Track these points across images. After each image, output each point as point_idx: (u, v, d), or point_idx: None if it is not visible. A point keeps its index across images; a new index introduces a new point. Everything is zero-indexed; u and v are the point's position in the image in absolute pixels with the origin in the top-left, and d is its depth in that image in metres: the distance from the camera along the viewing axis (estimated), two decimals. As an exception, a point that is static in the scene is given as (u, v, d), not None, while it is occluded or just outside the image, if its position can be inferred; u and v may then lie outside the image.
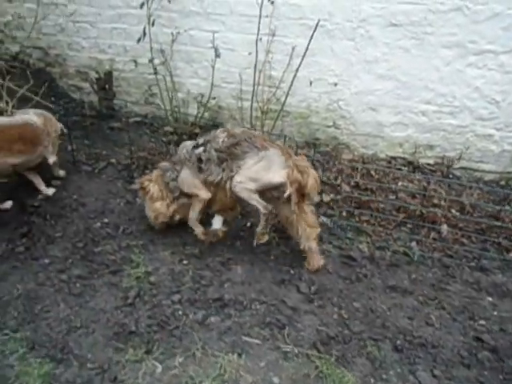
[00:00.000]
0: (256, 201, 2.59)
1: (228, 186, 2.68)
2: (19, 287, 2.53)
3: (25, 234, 2.93)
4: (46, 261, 2.74)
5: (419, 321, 2.37)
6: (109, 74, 4.42)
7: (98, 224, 3.09)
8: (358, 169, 3.76)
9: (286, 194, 2.57)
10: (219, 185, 2.74)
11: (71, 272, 2.65)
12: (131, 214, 3.20)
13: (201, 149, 2.78)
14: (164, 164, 2.99)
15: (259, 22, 3.69)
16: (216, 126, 4.10)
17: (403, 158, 4.11)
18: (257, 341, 2.23)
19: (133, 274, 2.64)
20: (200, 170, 2.77)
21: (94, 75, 4.43)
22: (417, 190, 3.48)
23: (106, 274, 2.65)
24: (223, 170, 2.69)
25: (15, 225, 3.01)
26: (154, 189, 2.92)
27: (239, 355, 2.13)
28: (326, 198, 3.37)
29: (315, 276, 2.66)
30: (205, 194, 2.79)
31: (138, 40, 3.84)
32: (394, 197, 3.47)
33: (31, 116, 3.21)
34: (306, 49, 3.74)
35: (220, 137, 2.74)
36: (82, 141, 4.15)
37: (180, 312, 2.38)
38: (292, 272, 2.69)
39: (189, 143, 2.91)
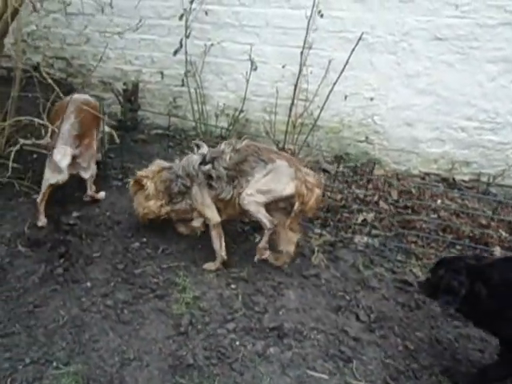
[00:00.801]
0: (263, 215, 2.58)
1: (237, 201, 2.67)
2: (63, 313, 2.39)
3: (62, 255, 2.80)
4: (88, 284, 2.60)
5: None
6: (136, 85, 4.30)
7: (137, 244, 2.96)
8: (393, 185, 3.67)
9: (295, 207, 2.59)
10: (230, 201, 2.71)
11: (115, 296, 2.51)
12: (168, 232, 3.06)
13: (209, 166, 2.72)
14: (165, 167, 2.91)
15: (306, 35, 3.61)
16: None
17: (437, 175, 4.02)
18: (324, 375, 2.10)
19: (181, 299, 2.50)
20: (210, 186, 2.73)
21: (121, 86, 4.31)
22: (459, 209, 3.38)
23: (152, 299, 2.52)
24: (234, 187, 2.67)
25: (51, 244, 2.88)
26: (150, 187, 2.85)
27: (308, 392, 2.01)
28: (368, 217, 3.26)
29: (372, 302, 2.55)
30: (217, 218, 2.76)
31: (175, 52, 3.75)
32: (435, 215, 3.37)
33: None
34: (346, 62, 3.65)
35: (226, 153, 2.71)
36: (107, 153, 4.03)
37: (237, 342, 2.25)
38: (347, 298, 2.57)
39: (195, 158, 2.80)
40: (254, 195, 2.58)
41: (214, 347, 2.22)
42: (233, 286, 2.62)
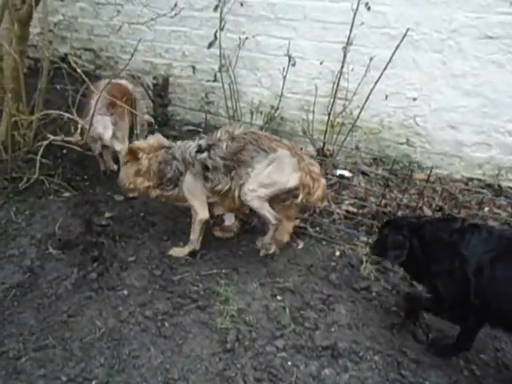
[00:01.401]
0: (267, 211, 2.51)
1: (237, 194, 2.52)
2: (99, 324, 2.24)
3: (96, 258, 2.65)
4: (125, 292, 2.45)
5: None
6: (166, 79, 4.13)
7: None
8: (437, 191, 3.48)
9: (299, 199, 2.51)
10: (228, 193, 2.55)
11: (154, 306, 2.36)
12: (206, 236, 2.90)
13: (205, 154, 2.53)
14: (164, 145, 2.70)
15: (351, 30, 3.39)
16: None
17: (481, 180, 3.80)
18: (386, 403, 1.94)
19: (224, 312, 2.34)
20: (206, 178, 2.55)
21: (150, 80, 4.14)
22: (510, 218, 3.18)
23: (194, 310, 2.36)
24: (232, 178, 2.50)
25: (83, 246, 2.73)
26: (144, 163, 2.61)
27: (372, 422, 1.84)
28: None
29: (429, 319, 2.36)
30: (204, 215, 2.63)
31: (209, 45, 3.56)
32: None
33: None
34: (389, 60, 3.44)
35: (223, 140, 2.53)
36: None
37: (289, 362, 2.08)
38: (402, 314, 2.39)
39: (192, 146, 2.61)
40: (256, 190, 2.45)
41: (264, 367, 2.05)
42: (279, 298, 2.45)
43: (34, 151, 3.37)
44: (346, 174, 3.67)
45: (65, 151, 3.59)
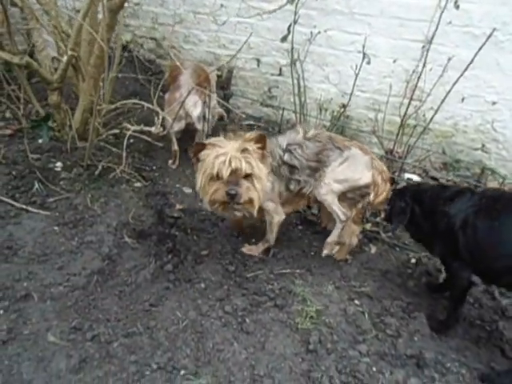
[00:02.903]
0: (337, 207, 2.49)
1: (312, 193, 2.51)
2: (180, 315, 2.26)
3: (170, 250, 2.67)
4: (202, 285, 2.46)
5: None
6: (231, 71, 4.12)
7: (246, 245, 2.79)
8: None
9: (370, 198, 2.51)
10: (305, 194, 2.54)
11: (233, 302, 2.36)
12: (278, 235, 2.86)
13: (287, 155, 2.47)
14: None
15: (437, 27, 3.24)
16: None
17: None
18: (479, 419, 1.88)
19: (303, 312, 2.32)
20: (289, 180, 2.49)
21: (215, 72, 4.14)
22: None
23: (272, 308, 2.35)
24: (315, 179, 2.48)
25: (157, 237, 2.76)
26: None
27: None
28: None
29: (516, 336, 2.28)
30: (281, 217, 2.60)
31: (283, 38, 3.49)
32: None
33: None
34: (471, 60, 3.28)
35: (302, 142, 2.48)
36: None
37: (374, 368, 2.05)
38: (488, 328, 2.31)
39: (279, 145, 2.50)
40: (331, 184, 2.43)
41: (349, 371, 2.03)
42: (357, 302, 2.42)
43: (103, 139, 3.44)
44: (415, 178, 3.57)
45: (132, 141, 3.65)
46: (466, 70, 3.33)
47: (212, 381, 1.95)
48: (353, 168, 2.47)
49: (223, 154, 2.16)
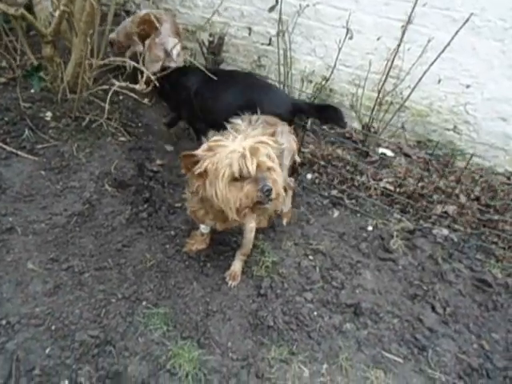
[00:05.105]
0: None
1: None
2: (148, 256, 2.51)
3: (147, 200, 2.90)
4: (172, 233, 2.70)
5: None
6: (222, 38, 4.23)
7: (217, 200, 3.02)
8: (476, 180, 3.54)
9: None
10: None
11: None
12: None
13: None
14: None
15: (413, 8, 3.36)
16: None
17: (524, 176, 3.82)
18: (399, 359, 2.15)
19: (260, 262, 2.57)
20: None
21: (206, 37, 4.25)
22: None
23: (232, 257, 2.57)
24: None
25: (136, 188, 2.97)
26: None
27: (385, 372, 2.06)
28: (450, 209, 3.17)
29: (448, 296, 2.53)
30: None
31: (271, 8, 3.62)
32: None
33: None
34: (448, 43, 3.42)
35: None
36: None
37: (315, 313, 2.31)
38: (424, 288, 2.56)
39: None
40: None
41: (292, 313, 2.29)
42: (311, 258, 2.66)
43: (93, 94, 3.60)
44: (388, 153, 3.76)
45: (121, 97, 3.81)
46: (442, 51, 3.48)
47: (170, 311, 2.21)
48: None
49: (235, 149, 1.80)
